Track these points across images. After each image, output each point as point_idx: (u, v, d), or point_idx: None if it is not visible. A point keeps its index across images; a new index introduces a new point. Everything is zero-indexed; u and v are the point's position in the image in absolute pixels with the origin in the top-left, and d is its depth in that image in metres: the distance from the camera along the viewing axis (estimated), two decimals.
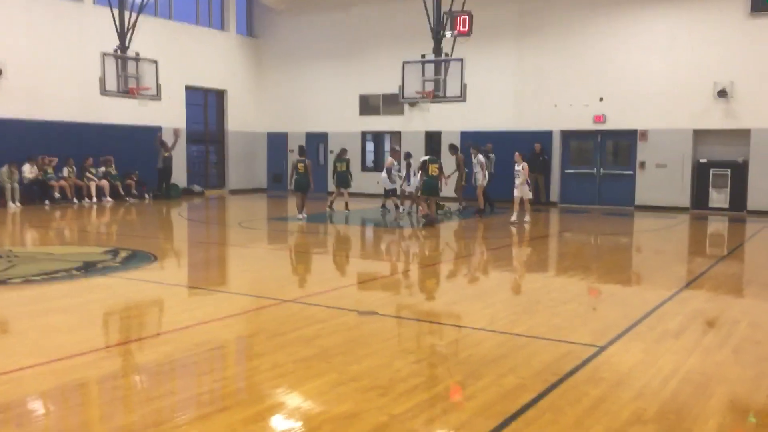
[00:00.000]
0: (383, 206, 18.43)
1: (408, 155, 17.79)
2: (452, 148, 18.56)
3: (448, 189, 17.62)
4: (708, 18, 19.41)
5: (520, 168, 15.55)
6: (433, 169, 15.36)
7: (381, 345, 5.90)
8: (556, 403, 4.50)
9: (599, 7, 20.82)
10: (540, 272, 10.33)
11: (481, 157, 17.49)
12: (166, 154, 22.09)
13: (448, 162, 18.49)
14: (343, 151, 18.77)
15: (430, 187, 15.35)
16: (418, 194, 16.39)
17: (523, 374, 5.07)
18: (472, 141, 19.21)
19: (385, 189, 18.39)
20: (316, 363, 5.29)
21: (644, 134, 20.50)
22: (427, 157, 16.15)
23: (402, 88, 16.78)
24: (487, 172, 17.60)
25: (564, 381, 4.94)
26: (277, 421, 4.25)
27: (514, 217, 15.67)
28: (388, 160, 18.46)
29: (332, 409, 4.36)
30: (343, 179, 18.15)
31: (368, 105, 24.86)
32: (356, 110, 25.05)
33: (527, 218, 15.75)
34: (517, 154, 15.72)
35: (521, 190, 15.61)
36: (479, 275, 10.02)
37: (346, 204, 17.95)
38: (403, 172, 17.57)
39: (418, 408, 4.38)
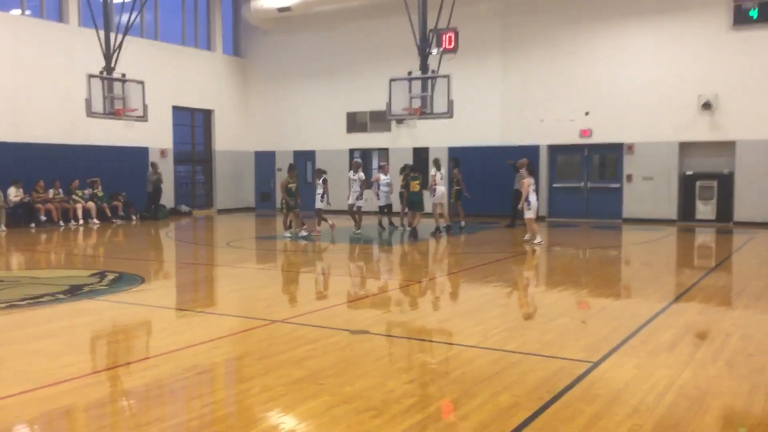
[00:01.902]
0: (379, 224, 17.96)
1: (321, 172, 16.99)
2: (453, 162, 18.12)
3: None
4: (691, 32, 19.62)
5: (529, 181, 14.66)
6: (414, 185, 15.90)
7: (373, 365, 5.82)
8: (552, 422, 4.44)
9: (583, 21, 21.00)
10: (531, 287, 10.29)
11: (443, 172, 17.07)
12: (155, 177, 22.06)
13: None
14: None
15: (414, 203, 15.99)
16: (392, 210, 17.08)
17: (517, 392, 5.01)
18: (437, 157, 18.78)
19: (379, 206, 17.98)
20: (308, 385, 5.20)
21: (630, 147, 20.62)
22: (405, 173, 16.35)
23: (389, 105, 16.78)
24: (445, 189, 17.01)
25: (558, 398, 4.88)
26: None
27: (538, 239, 14.53)
28: (375, 175, 18.18)
29: None
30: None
31: (355, 122, 24.89)
32: (344, 128, 25.08)
33: (530, 237, 14.69)
34: (522, 161, 14.98)
35: (533, 208, 14.57)
36: (470, 291, 9.96)
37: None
38: (320, 190, 16.48)
39: (412, 429, 4.31)
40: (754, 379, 5.33)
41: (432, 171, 17.70)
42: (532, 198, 14.54)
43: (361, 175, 17.16)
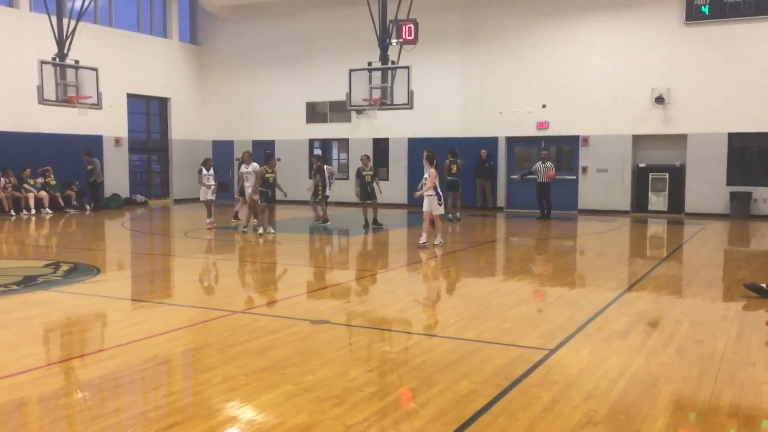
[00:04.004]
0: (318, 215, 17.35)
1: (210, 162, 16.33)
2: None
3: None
4: (645, 27, 20.05)
5: (426, 176, 12.52)
6: (367, 177, 16.02)
7: (334, 354, 5.86)
8: (509, 408, 4.55)
9: (540, 15, 21.27)
10: (488, 277, 10.43)
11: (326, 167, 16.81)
12: (89, 167, 21.21)
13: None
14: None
15: (367, 194, 16.11)
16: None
17: (476, 379, 5.11)
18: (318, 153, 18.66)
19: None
20: (269, 375, 5.22)
21: (586, 140, 21.01)
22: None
23: (349, 95, 16.79)
24: (329, 184, 16.88)
25: (516, 385, 5.00)
26: None
27: (423, 239, 12.65)
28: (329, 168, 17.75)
29: (287, 421, 4.31)
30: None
31: (315, 112, 24.80)
32: (303, 118, 24.97)
33: (439, 240, 12.81)
34: (424, 158, 12.75)
35: (429, 203, 12.45)
36: (428, 282, 10.07)
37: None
38: (212, 182, 16.01)
39: (373, 417, 4.37)
40: (703, 364, 5.53)
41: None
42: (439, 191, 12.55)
43: (255, 165, 15.55)
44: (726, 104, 19.15)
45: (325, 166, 17.20)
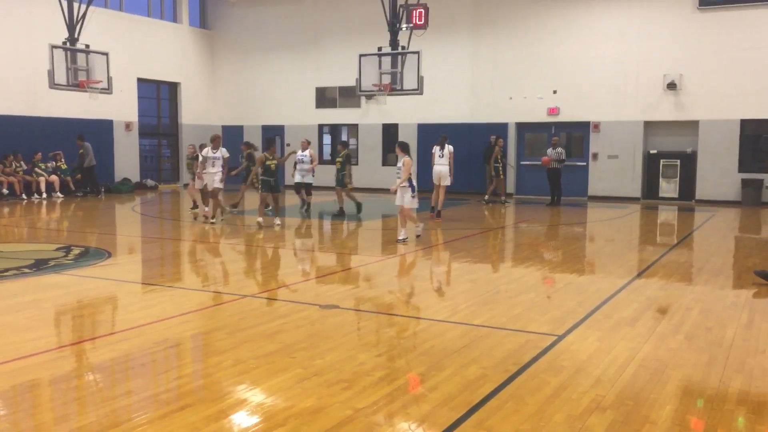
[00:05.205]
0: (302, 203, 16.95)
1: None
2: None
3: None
4: (658, 12, 19.85)
5: (400, 164, 11.39)
6: (337, 163, 15.89)
7: (344, 338, 5.89)
8: (518, 393, 4.56)
9: (553, 0, 21.07)
10: (498, 263, 10.44)
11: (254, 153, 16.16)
12: (81, 151, 20.78)
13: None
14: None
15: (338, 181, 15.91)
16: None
17: (484, 364, 5.12)
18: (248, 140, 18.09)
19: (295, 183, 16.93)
20: (279, 358, 5.25)
21: (597, 126, 20.89)
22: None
23: (359, 81, 16.74)
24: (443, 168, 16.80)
25: (525, 370, 5.01)
26: (240, 418, 4.20)
27: (401, 235, 11.66)
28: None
29: (297, 404, 4.34)
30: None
31: (325, 98, 24.77)
32: (313, 103, 24.94)
33: (411, 233, 11.82)
34: (396, 146, 11.69)
35: (401, 196, 11.41)
36: (438, 267, 10.08)
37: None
38: (218, 169, 14.62)
39: (382, 401, 4.40)
40: (712, 351, 5.52)
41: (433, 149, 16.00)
42: (415, 181, 11.53)
43: (224, 151, 14.68)
44: (738, 90, 18.98)
45: (308, 150, 16.75)
